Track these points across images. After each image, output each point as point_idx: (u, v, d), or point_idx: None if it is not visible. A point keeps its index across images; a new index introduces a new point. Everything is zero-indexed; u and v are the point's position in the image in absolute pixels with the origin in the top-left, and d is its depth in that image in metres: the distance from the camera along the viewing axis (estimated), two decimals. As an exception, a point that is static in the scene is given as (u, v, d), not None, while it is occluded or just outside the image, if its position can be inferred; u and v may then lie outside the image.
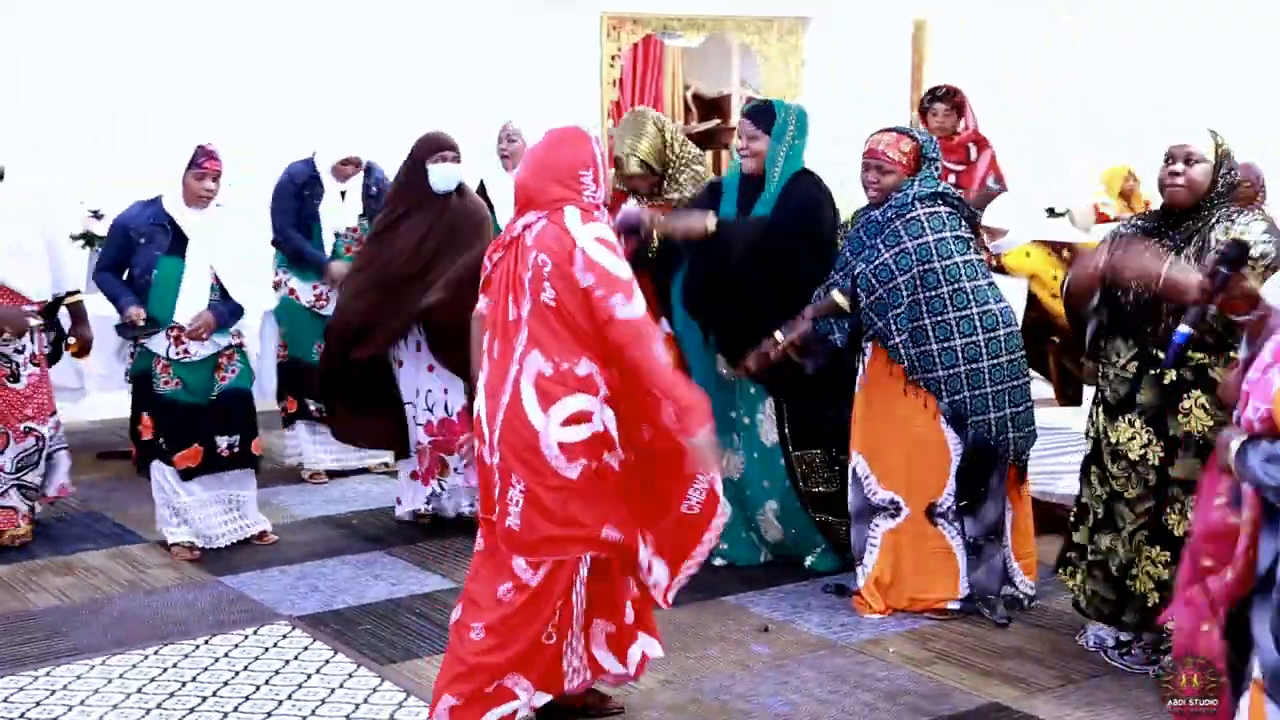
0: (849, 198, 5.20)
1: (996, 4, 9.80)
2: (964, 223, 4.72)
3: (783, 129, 4.96)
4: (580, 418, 3.53)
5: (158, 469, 5.37)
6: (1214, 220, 4.05)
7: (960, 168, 6.65)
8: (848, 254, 4.76)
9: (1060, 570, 4.50)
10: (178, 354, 5.30)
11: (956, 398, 4.61)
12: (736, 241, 4.86)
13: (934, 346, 4.60)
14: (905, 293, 4.59)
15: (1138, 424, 4.15)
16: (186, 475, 5.36)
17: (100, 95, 7.70)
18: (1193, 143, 4.08)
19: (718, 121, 11.40)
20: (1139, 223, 4.30)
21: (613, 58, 9.18)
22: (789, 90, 9.50)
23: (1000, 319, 4.67)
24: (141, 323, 5.21)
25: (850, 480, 4.83)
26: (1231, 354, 3.98)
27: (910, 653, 4.50)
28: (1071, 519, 4.47)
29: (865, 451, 4.79)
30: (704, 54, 11.52)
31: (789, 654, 4.49)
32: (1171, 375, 4.07)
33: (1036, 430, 4.81)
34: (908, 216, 4.63)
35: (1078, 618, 4.62)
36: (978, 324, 4.62)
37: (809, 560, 5.26)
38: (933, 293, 4.60)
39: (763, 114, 5.01)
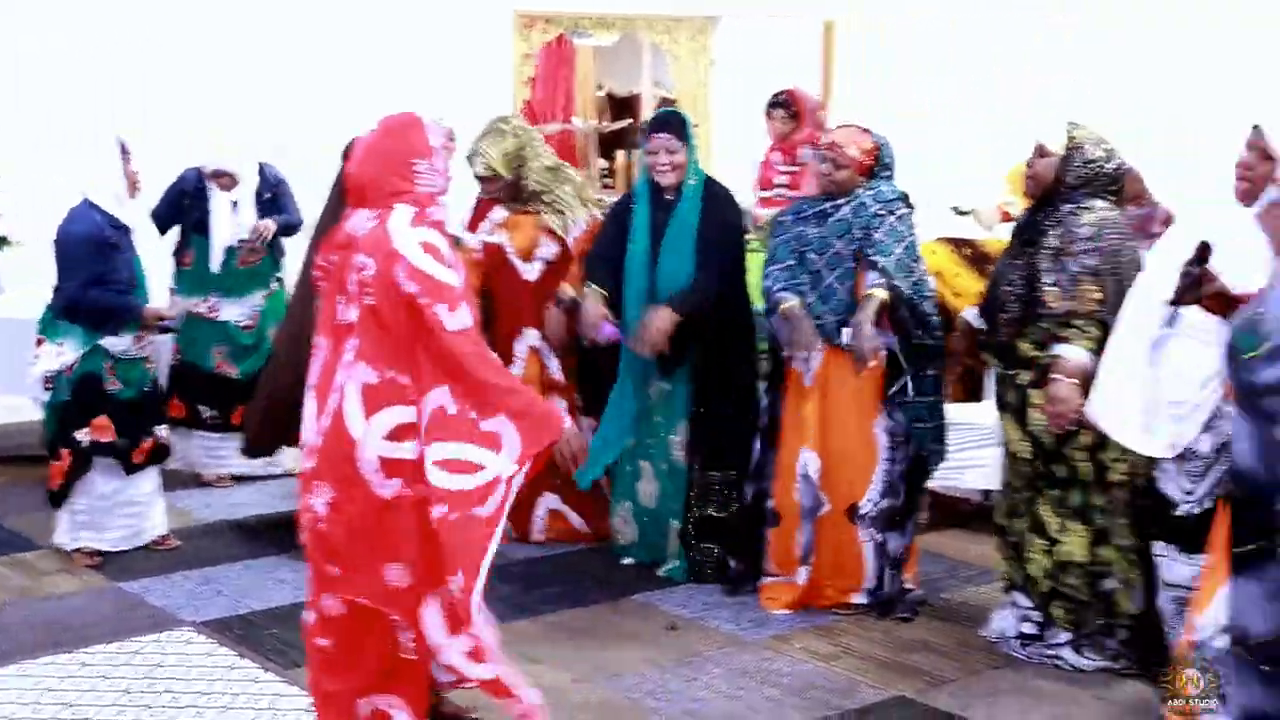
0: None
1: (905, 5, 9.90)
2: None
3: (692, 137, 5.01)
4: (405, 433, 3.35)
5: (103, 468, 5.27)
6: (1056, 217, 4.19)
7: (794, 169, 6.71)
8: (784, 248, 4.78)
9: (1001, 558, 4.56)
10: (136, 349, 5.25)
11: (913, 401, 4.70)
12: (697, 312, 4.91)
13: (937, 342, 4.70)
14: (919, 290, 4.65)
15: (1009, 420, 4.34)
16: (134, 469, 5.32)
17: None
18: (1046, 138, 4.24)
19: (630, 121, 11.41)
20: (1026, 214, 4.43)
21: (525, 56, 9.16)
22: (698, 90, 9.53)
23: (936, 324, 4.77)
24: (176, 314, 5.35)
25: (800, 478, 4.80)
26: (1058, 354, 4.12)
27: (817, 648, 4.53)
28: (1002, 506, 4.54)
29: (815, 447, 4.77)
30: (616, 53, 11.52)
31: (697, 651, 4.51)
32: (1024, 376, 4.21)
33: (946, 446, 4.86)
34: (900, 213, 4.69)
35: (981, 610, 4.70)
36: (934, 328, 4.73)
37: (664, 569, 5.24)
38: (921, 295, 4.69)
39: (679, 126, 5.02)
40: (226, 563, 5.38)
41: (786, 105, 7.21)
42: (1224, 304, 2.86)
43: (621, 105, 11.87)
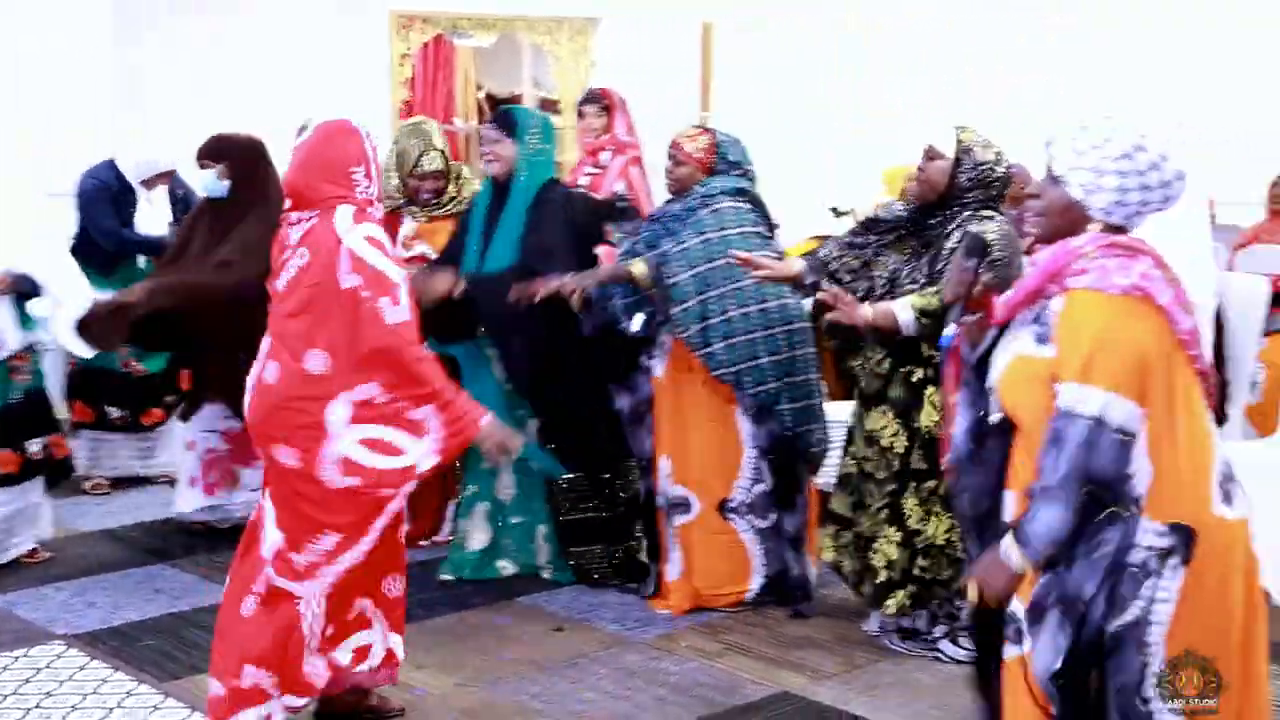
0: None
1: (783, 7, 10.00)
2: (764, 220, 4.83)
3: (524, 133, 4.93)
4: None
5: None
6: (952, 225, 4.25)
7: (597, 171, 6.76)
8: (641, 246, 4.81)
9: (827, 546, 4.61)
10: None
11: (760, 389, 4.69)
12: (486, 299, 4.82)
13: (739, 339, 4.68)
14: (709, 281, 4.66)
15: (890, 415, 4.36)
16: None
17: None
18: (934, 139, 4.28)
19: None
20: (897, 211, 4.50)
21: (403, 57, 9.08)
22: (580, 91, 9.53)
23: (796, 313, 4.79)
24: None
25: (658, 477, 4.85)
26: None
27: (702, 646, 4.56)
28: (833, 490, 4.61)
29: (666, 448, 4.82)
30: (495, 54, 11.48)
31: (583, 652, 4.51)
32: (919, 374, 4.27)
33: (825, 426, 4.90)
34: (714, 207, 4.72)
35: (863, 607, 4.76)
36: (776, 317, 4.72)
37: (547, 573, 5.21)
38: (737, 284, 4.67)
39: (504, 119, 4.99)
40: (101, 573, 5.25)
41: (598, 101, 7.12)
42: (981, 306, 2.90)
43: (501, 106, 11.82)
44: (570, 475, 5.02)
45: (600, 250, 4.93)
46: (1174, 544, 2.59)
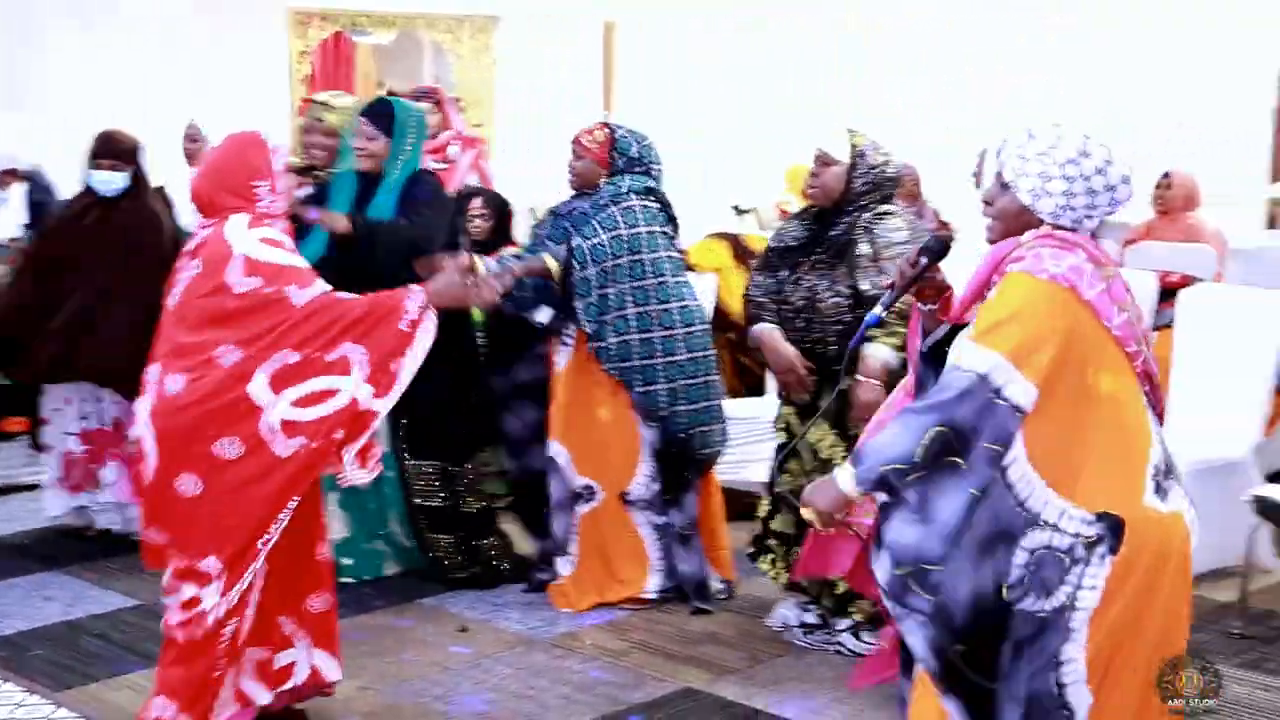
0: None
1: (684, 7, 10.05)
2: (669, 220, 4.84)
3: (403, 129, 4.86)
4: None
5: None
6: (856, 229, 4.27)
7: (443, 166, 6.77)
8: (547, 241, 4.81)
9: (758, 558, 4.63)
10: None
11: (651, 389, 4.70)
12: (386, 240, 4.73)
13: (634, 336, 4.68)
14: (613, 277, 4.66)
15: (825, 426, 4.35)
16: None
17: None
18: (827, 145, 4.30)
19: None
20: (795, 228, 4.50)
21: (301, 54, 8.98)
22: (482, 89, 9.51)
23: (695, 315, 4.81)
24: None
25: (550, 469, 4.84)
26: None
27: (606, 643, 4.56)
28: (768, 507, 4.60)
29: (563, 438, 4.82)
30: (396, 52, 11.39)
31: (487, 652, 4.49)
32: (849, 381, 4.28)
33: (726, 428, 4.92)
34: (624, 205, 4.72)
35: (766, 601, 4.79)
36: (676, 318, 4.74)
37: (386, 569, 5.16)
38: (639, 283, 4.68)
39: (382, 115, 4.88)
40: (-12, 582, 5.12)
41: (430, 98, 7.03)
42: (934, 296, 2.95)
43: (403, 105, 11.71)
44: (421, 462, 4.98)
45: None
46: (1101, 533, 2.63)
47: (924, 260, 2.88)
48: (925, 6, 10.06)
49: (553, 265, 4.72)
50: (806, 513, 2.77)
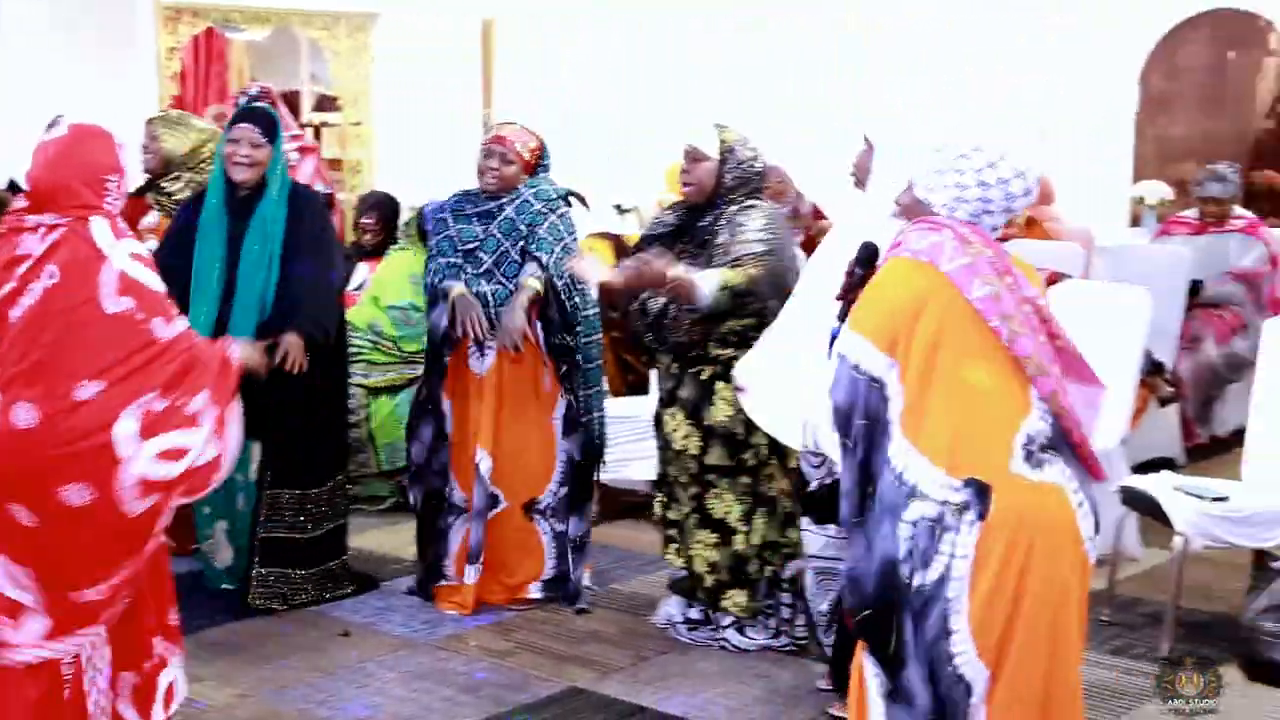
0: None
1: (564, 4, 10.04)
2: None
3: (279, 137, 4.71)
4: None
5: None
6: (722, 220, 4.32)
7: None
8: (446, 243, 4.76)
9: (665, 548, 4.61)
10: None
11: (581, 394, 4.74)
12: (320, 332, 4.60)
13: (581, 340, 4.72)
14: (567, 290, 4.67)
15: (680, 416, 4.40)
16: None
17: None
18: (697, 141, 4.35)
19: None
20: (668, 218, 4.54)
21: (170, 50, 8.78)
22: (360, 86, 9.40)
23: (596, 324, 4.84)
24: None
25: (475, 475, 4.78)
26: (753, 344, 4.27)
27: (491, 645, 4.55)
28: (661, 500, 4.61)
29: (489, 447, 4.76)
30: (271, 48, 11.21)
31: (370, 656, 4.44)
32: (708, 371, 4.34)
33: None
34: (559, 212, 4.71)
35: (650, 599, 4.82)
36: (595, 325, 4.78)
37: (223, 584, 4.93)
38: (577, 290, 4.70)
39: (266, 121, 4.67)
40: None
41: (265, 97, 6.78)
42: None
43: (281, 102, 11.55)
44: (280, 490, 4.76)
45: None
46: (969, 499, 2.71)
47: (858, 271, 3.07)
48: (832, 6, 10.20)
49: (538, 286, 4.61)
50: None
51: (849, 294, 3.07)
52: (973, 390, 2.75)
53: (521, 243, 4.67)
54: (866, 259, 3.11)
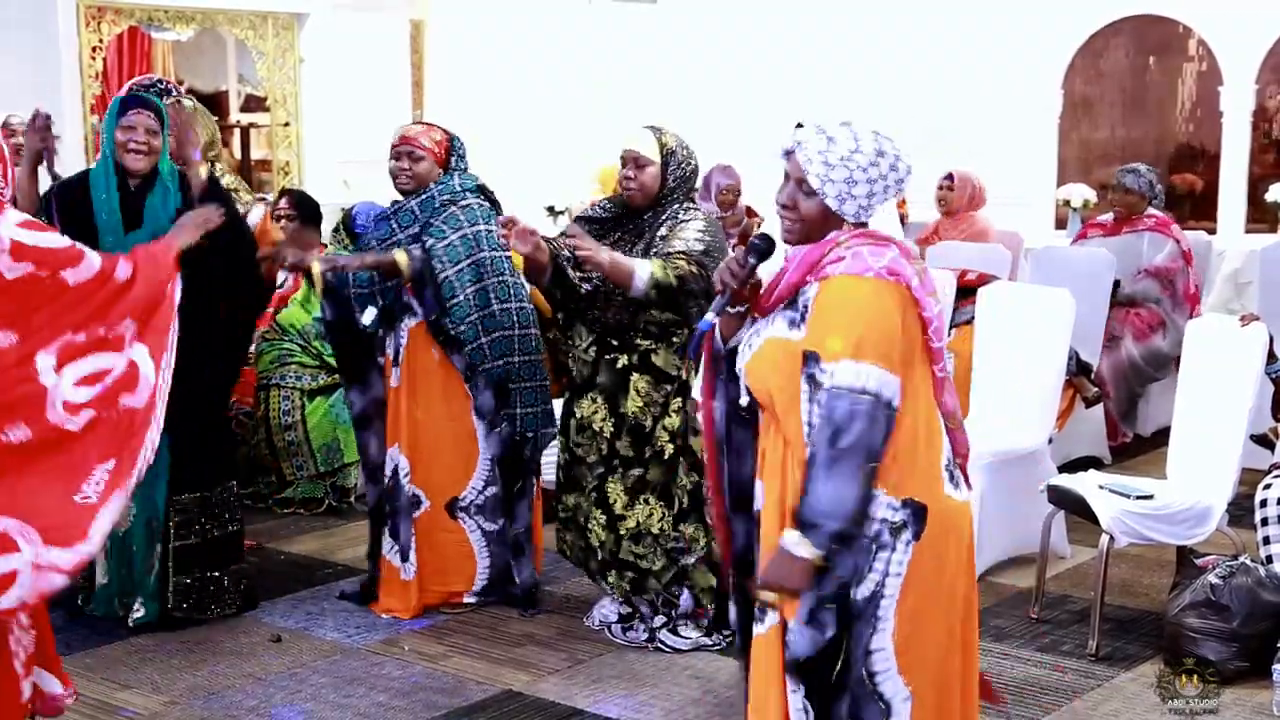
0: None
1: (493, 4, 10.02)
2: (490, 218, 4.79)
3: (167, 127, 4.57)
4: None
5: None
6: (663, 217, 4.35)
7: None
8: (374, 243, 4.73)
9: (561, 544, 4.67)
10: None
11: (517, 385, 4.70)
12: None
13: (484, 339, 4.65)
14: (468, 278, 4.62)
15: (599, 400, 4.44)
16: None
17: None
18: (638, 146, 4.36)
19: (216, 119, 11.01)
20: (606, 206, 4.55)
21: (94, 49, 8.65)
22: (288, 86, 9.31)
23: (530, 316, 4.79)
24: None
25: (390, 474, 4.78)
26: (675, 339, 4.36)
27: (425, 649, 4.52)
28: (564, 490, 4.63)
29: (405, 447, 4.75)
30: (197, 48, 11.09)
31: (302, 662, 4.40)
32: (624, 360, 4.37)
33: (555, 429, 4.87)
34: (463, 203, 4.67)
35: (584, 600, 4.82)
36: (515, 319, 4.72)
37: (134, 616, 4.62)
38: (482, 283, 4.64)
39: (158, 109, 4.57)
40: None
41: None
42: (753, 291, 2.98)
43: (206, 103, 11.40)
44: (183, 496, 4.64)
45: None
46: (906, 519, 2.71)
47: (752, 260, 2.88)
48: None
49: (403, 260, 4.59)
50: (768, 596, 2.73)
51: (743, 284, 2.88)
52: (919, 411, 2.74)
53: (416, 230, 4.66)
54: (763, 250, 2.91)
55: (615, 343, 4.40)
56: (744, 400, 2.87)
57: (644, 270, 4.16)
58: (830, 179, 2.75)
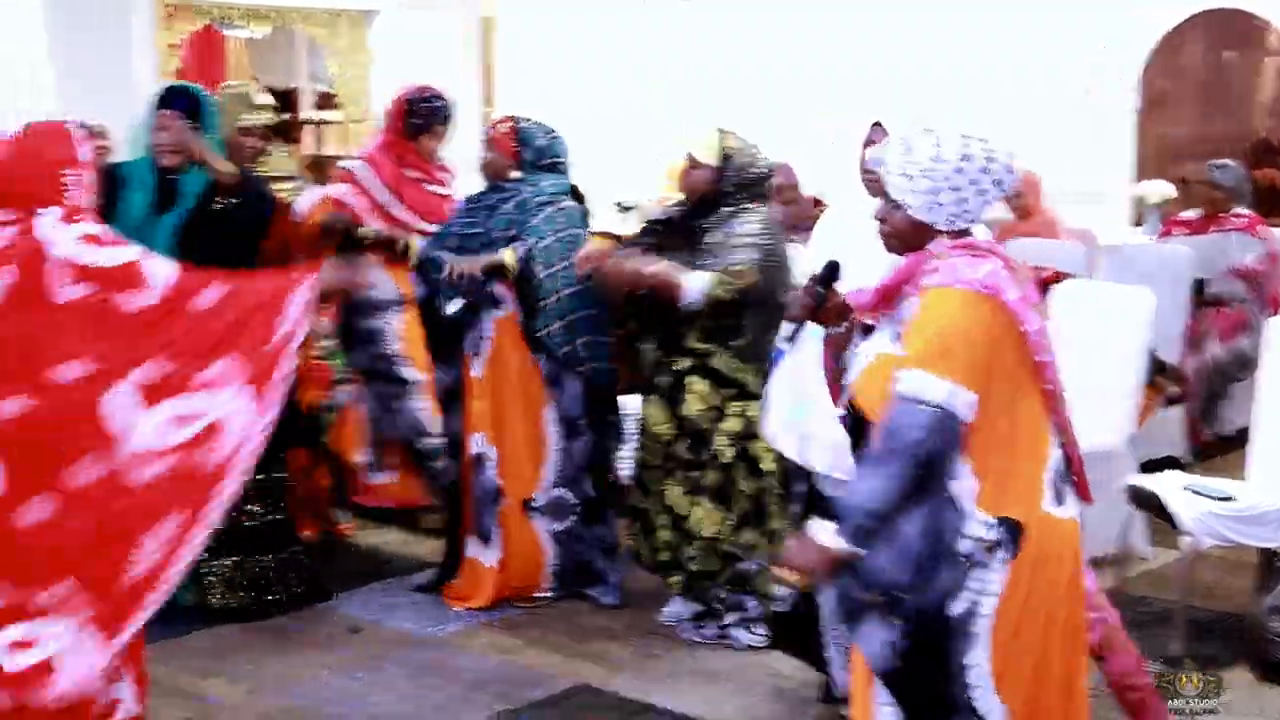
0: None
1: (562, 2, 10.05)
2: (584, 222, 4.86)
3: (212, 119, 4.64)
4: None
5: None
6: (715, 220, 4.36)
7: None
8: (448, 230, 4.82)
9: (629, 539, 4.72)
10: None
11: (587, 393, 4.75)
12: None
13: (579, 341, 4.70)
14: (563, 281, 4.66)
15: (659, 403, 4.47)
16: None
17: None
18: (695, 150, 4.39)
19: (288, 116, 11.12)
20: (669, 210, 4.61)
21: (170, 47, 8.77)
22: (359, 84, 9.40)
23: (607, 321, 4.80)
24: None
25: (474, 464, 4.81)
26: (733, 344, 4.35)
27: (499, 641, 4.55)
28: (636, 488, 4.67)
29: (492, 438, 4.78)
30: (270, 46, 11.20)
31: (379, 653, 4.44)
32: (683, 363, 4.39)
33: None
34: (562, 205, 4.74)
35: (658, 596, 4.82)
36: (607, 320, 4.76)
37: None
38: (576, 286, 4.68)
39: (192, 104, 4.60)
40: None
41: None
42: (838, 320, 2.95)
43: (279, 100, 11.53)
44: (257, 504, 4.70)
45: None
46: (1001, 538, 2.65)
47: (820, 290, 2.86)
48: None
49: (510, 261, 4.66)
50: (783, 573, 2.72)
51: (811, 314, 2.86)
52: (1017, 427, 2.68)
53: (513, 232, 4.70)
54: (828, 278, 2.87)
55: (673, 346, 4.41)
56: (839, 413, 2.85)
57: (696, 284, 4.20)
58: (912, 190, 2.70)
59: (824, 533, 2.66)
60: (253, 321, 3.15)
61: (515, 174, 4.81)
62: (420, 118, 5.32)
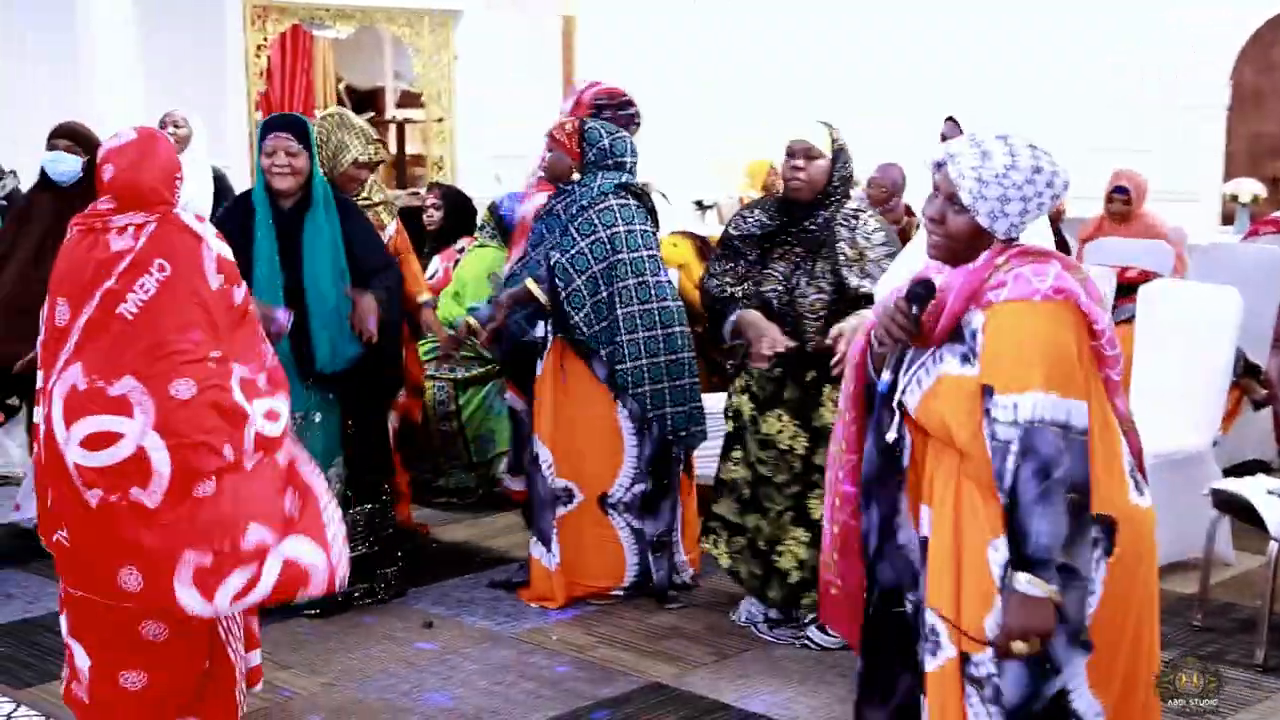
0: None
1: (643, 2, 10.07)
2: (648, 217, 4.81)
3: (315, 145, 4.64)
4: (104, 440, 3.20)
5: None
6: (836, 216, 4.30)
7: None
8: (534, 236, 4.82)
9: (704, 538, 4.67)
10: None
11: (638, 391, 4.70)
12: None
13: (622, 339, 4.67)
14: (601, 283, 4.65)
15: (786, 418, 4.38)
16: None
17: None
18: (811, 138, 4.29)
19: (372, 115, 11.26)
20: (758, 215, 4.47)
21: (259, 48, 8.91)
22: (442, 83, 9.50)
23: (675, 315, 4.79)
24: None
25: (533, 467, 4.83)
26: None
27: (573, 639, 4.56)
28: (712, 492, 4.63)
29: (547, 440, 4.80)
30: (356, 46, 11.34)
31: (453, 648, 4.48)
32: (812, 374, 4.31)
33: (706, 427, 4.90)
34: (599, 207, 4.69)
35: (732, 596, 4.80)
36: (657, 319, 4.73)
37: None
38: (621, 284, 4.66)
39: (301, 129, 4.59)
40: (-53, 579, 5.06)
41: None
42: (927, 339, 2.88)
43: (363, 99, 11.68)
44: (367, 505, 4.80)
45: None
46: (1098, 536, 2.62)
47: (915, 310, 2.75)
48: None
49: (536, 289, 4.68)
50: (1020, 646, 2.63)
51: (910, 334, 2.75)
52: (1095, 420, 2.63)
53: (557, 235, 4.70)
54: (924, 297, 2.75)
55: (802, 360, 4.32)
56: (891, 436, 2.77)
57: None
58: (983, 196, 2.64)
59: (1026, 585, 2.56)
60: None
61: (576, 175, 4.80)
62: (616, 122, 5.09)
